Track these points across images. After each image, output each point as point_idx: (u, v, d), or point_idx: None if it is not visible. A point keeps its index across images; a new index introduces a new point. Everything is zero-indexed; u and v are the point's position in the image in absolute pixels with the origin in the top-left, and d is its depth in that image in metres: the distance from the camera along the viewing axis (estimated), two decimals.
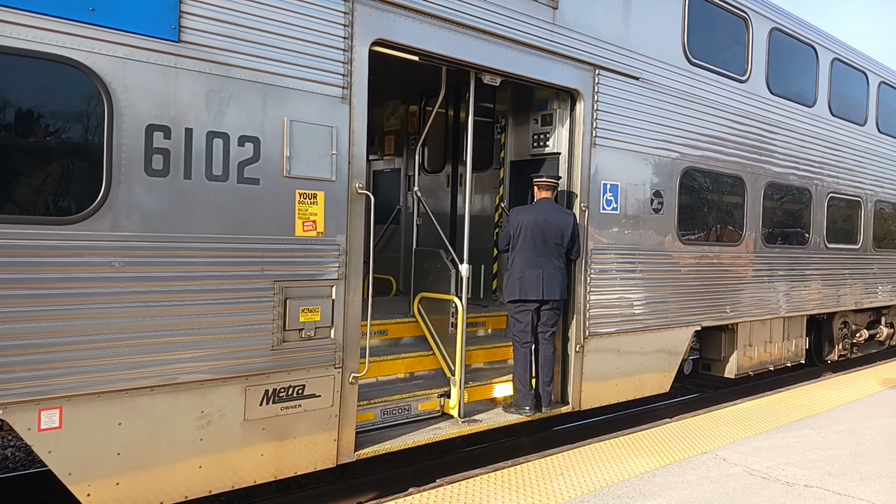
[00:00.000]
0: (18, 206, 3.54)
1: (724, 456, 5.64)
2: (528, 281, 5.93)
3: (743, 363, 8.55)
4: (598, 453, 5.64)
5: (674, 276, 7.33)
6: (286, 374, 4.45)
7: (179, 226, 3.96)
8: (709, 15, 7.65)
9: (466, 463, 6.32)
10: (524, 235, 5.98)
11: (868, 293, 11.08)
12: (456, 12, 5.23)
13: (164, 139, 3.88)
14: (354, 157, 4.71)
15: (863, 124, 10.60)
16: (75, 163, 3.76)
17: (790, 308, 9.20)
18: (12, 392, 3.47)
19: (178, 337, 3.97)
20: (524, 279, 5.94)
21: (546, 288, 5.93)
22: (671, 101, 7.16)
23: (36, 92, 3.58)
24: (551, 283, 5.95)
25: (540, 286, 5.92)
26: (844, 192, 10.30)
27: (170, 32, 3.88)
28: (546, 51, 5.90)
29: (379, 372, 5.67)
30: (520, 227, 6.00)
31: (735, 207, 8.27)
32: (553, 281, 5.96)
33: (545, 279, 5.93)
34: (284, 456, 4.50)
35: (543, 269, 5.94)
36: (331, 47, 4.55)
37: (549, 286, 5.95)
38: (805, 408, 7.43)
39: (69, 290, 3.61)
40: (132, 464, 3.87)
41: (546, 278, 5.93)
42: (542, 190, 6.10)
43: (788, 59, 8.99)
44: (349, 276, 4.71)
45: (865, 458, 5.71)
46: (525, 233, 5.97)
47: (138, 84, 3.78)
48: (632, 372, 6.95)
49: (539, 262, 5.95)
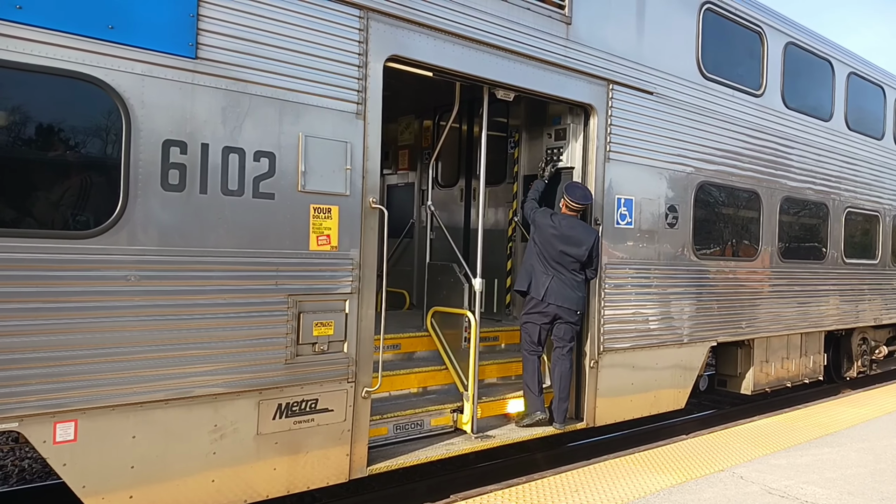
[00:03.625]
0: (37, 221, 3.59)
1: (742, 474, 5.56)
2: (536, 281, 5.99)
3: (759, 379, 8.45)
4: (613, 470, 5.58)
5: (689, 291, 7.27)
6: (299, 388, 4.45)
7: (195, 240, 3.99)
8: (723, 29, 7.64)
9: (480, 479, 6.28)
10: (537, 240, 6.04)
11: (887, 309, 10.93)
12: (470, 29, 5.27)
13: (180, 154, 3.92)
14: (368, 172, 4.73)
15: (880, 138, 10.51)
16: (93, 178, 3.81)
17: (807, 324, 9.09)
18: (28, 405, 3.49)
19: (192, 350, 3.99)
20: (534, 278, 6.01)
21: (548, 294, 5.92)
22: (685, 115, 7.14)
23: (55, 108, 3.64)
24: (559, 293, 5.93)
25: (543, 290, 5.93)
26: (862, 207, 10.20)
27: (187, 49, 3.93)
28: (560, 66, 5.92)
29: (392, 386, 5.65)
30: (537, 231, 6.05)
31: (751, 222, 8.21)
32: (560, 292, 5.93)
33: (551, 288, 5.93)
34: (297, 470, 4.49)
35: (556, 279, 5.94)
36: (346, 63, 4.59)
37: (556, 295, 5.92)
38: (824, 425, 7.32)
39: (85, 303, 3.64)
40: (146, 477, 3.88)
41: (552, 288, 5.92)
42: (569, 209, 6.07)
43: (804, 73, 8.95)
44: (363, 290, 4.72)
45: (886, 477, 5.61)
46: (540, 240, 6.01)
47: (156, 100, 3.83)
48: (647, 388, 6.89)
49: (549, 270, 5.97)
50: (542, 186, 6.42)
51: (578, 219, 6.09)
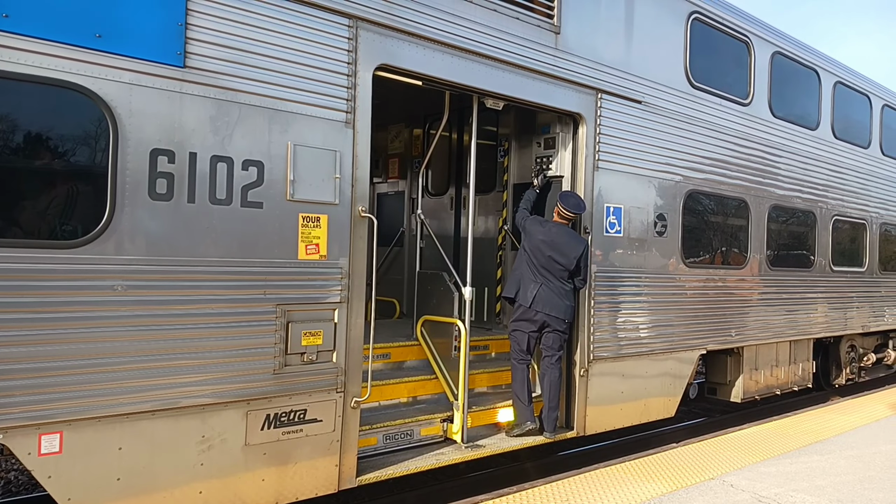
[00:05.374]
0: (23, 230, 3.56)
1: (732, 482, 5.56)
2: (524, 288, 5.98)
3: (749, 387, 8.47)
4: (603, 479, 5.57)
5: (678, 299, 7.29)
6: (288, 398, 4.42)
7: (183, 249, 3.97)
8: (711, 39, 7.70)
9: (471, 489, 6.25)
10: (526, 247, 6.04)
11: (875, 316, 11.00)
12: (459, 38, 5.28)
13: (168, 163, 3.90)
14: (357, 181, 4.72)
15: (867, 147, 10.61)
16: (80, 187, 3.78)
17: (796, 331, 9.13)
18: (13, 416, 3.45)
19: (179, 361, 3.96)
20: (522, 285, 6.01)
21: (536, 302, 5.91)
22: (674, 124, 7.18)
23: (42, 117, 3.61)
24: (547, 301, 5.92)
25: (531, 297, 5.92)
26: (849, 215, 10.28)
27: (175, 58, 3.92)
28: (548, 75, 5.94)
29: (381, 396, 5.63)
30: (527, 238, 6.05)
31: (739, 230, 8.26)
32: (548, 300, 5.93)
33: (538, 295, 5.92)
34: (286, 481, 4.45)
35: (545, 287, 5.93)
36: (335, 73, 4.59)
37: (543, 303, 5.91)
38: (813, 433, 7.35)
39: (71, 313, 3.60)
40: (132, 489, 3.84)
41: (540, 296, 5.92)
42: (561, 217, 6.08)
43: (791, 82, 9.03)
44: (352, 299, 4.70)
45: (875, 484, 5.63)
46: (530, 246, 6.00)
47: (143, 109, 3.81)
48: (637, 396, 6.89)
49: (537, 278, 5.96)
50: (534, 196, 6.43)
51: (569, 227, 6.10)
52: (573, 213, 6.03)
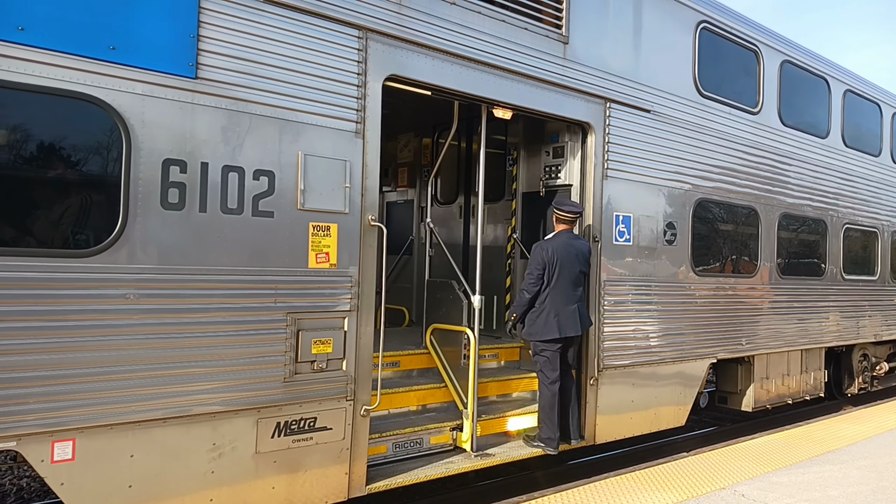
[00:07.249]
0: (37, 239, 3.61)
1: (743, 492, 5.53)
2: (566, 317, 5.81)
3: (760, 396, 8.42)
4: (614, 488, 5.55)
5: (688, 307, 7.27)
6: (298, 406, 4.44)
7: (194, 258, 4.00)
8: (719, 48, 7.71)
9: (480, 497, 6.23)
10: (560, 270, 5.83)
11: (887, 325, 10.91)
12: (468, 49, 5.31)
13: (180, 173, 3.95)
14: (367, 190, 4.75)
15: (877, 155, 10.56)
16: (93, 197, 3.83)
17: (807, 340, 9.07)
18: (26, 423, 3.49)
19: (191, 369, 3.99)
20: (561, 316, 5.79)
21: (582, 322, 5.94)
22: (683, 133, 7.18)
23: (56, 128, 3.66)
24: (585, 317, 5.99)
25: (577, 321, 5.87)
26: (860, 223, 10.22)
27: (187, 69, 3.97)
28: (557, 85, 5.97)
29: (391, 404, 5.64)
30: (556, 262, 5.81)
31: (749, 238, 8.23)
32: (584, 314, 5.99)
33: (581, 313, 5.93)
34: (295, 489, 4.47)
35: (579, 303, 5.92)
36: (345, 83, 4.63)
37: (585, 320, 5.99)
38: (825, 442, 7.29)
39: (84, 322, 3.64)
40: (144, 496, 3.86)
41: (581, 312, 5.94)
42: (562, 223, 6.00)
43: (800, 90, 9.01)
44: (361, 307, 4.72)
45: (889, 494, 5.57)
46: (562, 268, 5.82)
47: (156, 120, 3.86)
48: (647, 405, 6.87)
49: (573, 297, 5.88)
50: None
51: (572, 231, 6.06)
52: (576, 212, 5.97)
